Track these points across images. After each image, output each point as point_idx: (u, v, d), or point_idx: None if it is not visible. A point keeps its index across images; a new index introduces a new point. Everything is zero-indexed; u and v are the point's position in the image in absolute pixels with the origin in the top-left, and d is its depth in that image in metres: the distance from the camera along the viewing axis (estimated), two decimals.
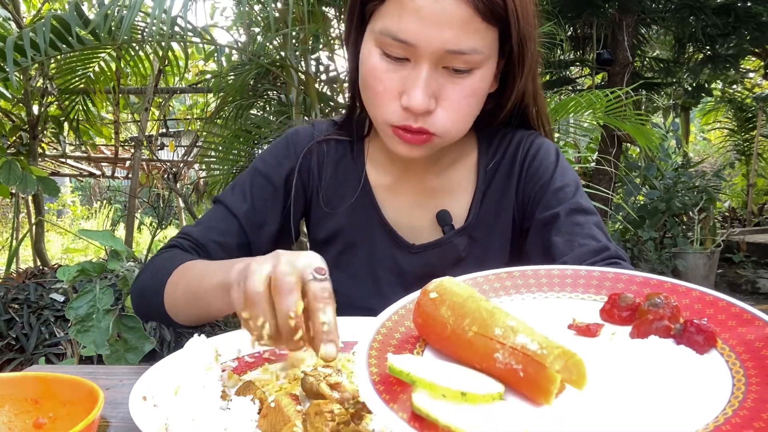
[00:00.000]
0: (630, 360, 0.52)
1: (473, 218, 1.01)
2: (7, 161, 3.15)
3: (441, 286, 0.57)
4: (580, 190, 0.97)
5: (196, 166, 4.85)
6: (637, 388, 0.48)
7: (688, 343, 0.53)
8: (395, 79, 0.85)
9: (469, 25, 0.80)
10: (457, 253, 1.01)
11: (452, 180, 1.03)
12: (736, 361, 0.51)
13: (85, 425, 0.55)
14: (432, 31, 0.80)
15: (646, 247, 4.82)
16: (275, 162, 1.05)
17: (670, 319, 0.56)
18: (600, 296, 0.65)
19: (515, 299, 0.66)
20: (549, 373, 0.46)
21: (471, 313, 0.52)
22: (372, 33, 0.86)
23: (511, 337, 0.48)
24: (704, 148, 10.22)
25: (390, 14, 0.83)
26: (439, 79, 0.84)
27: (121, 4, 2.41)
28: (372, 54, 0.86)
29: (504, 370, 0.48)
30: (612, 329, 0.59)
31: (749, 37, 4.74)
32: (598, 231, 0.91)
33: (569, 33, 5.03)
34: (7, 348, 2.71)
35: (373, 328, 0.57)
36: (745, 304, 0.57)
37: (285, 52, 2.97)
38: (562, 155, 1.02)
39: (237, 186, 1.04)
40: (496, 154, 1.03)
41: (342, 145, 1.06)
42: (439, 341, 0.55)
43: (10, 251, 4.01)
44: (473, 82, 0.85)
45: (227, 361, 0.80)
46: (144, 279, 0.96)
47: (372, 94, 0.88)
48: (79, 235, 2.41)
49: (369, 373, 0.50)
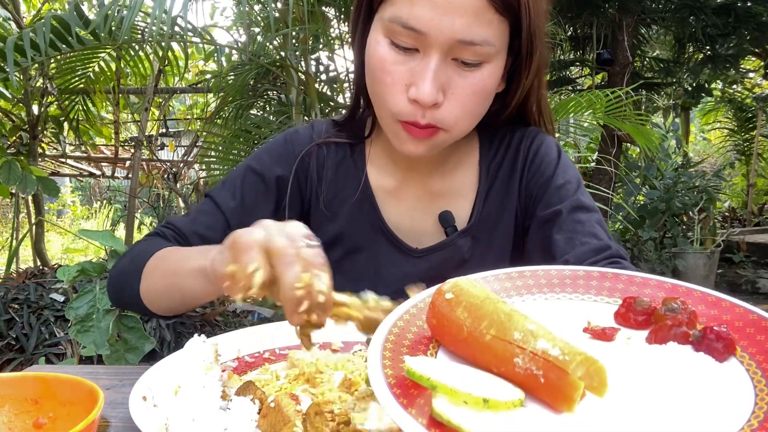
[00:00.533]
0: (649, 366, 0.51)
1: (476, 219, 1.00)
2: (7, 161, 3.15)
3: (457, 287, 0.55)
4: (582, 186, 0.97)
5: (196, 166, 4.86)
6: (657, 396, 0.47)
7: (708, 350, 0.52)
8: (403, 71, 0.83)
9: (482, 14, 0.79)
10: (461, 255, 1.00)
11: (455, 182, 1.02)
12: (757, 370, 0.50)
13: (85, 425, 0.55)
14: (444, 19, 0.78)
15: (646, 247, 4.82)
16: (270, 161, 1.02)
17: (687, 325, 0.55)
18: (613, 299, 0.64)
19: (527, 300, 0.65)
20: (572, 379, 0.45)
21: (489, 316, 0.51)
22: (381, 21, 0.85)
23: (532, 341, 0.47)
24: (704, 148, 10.23)
25: (400, 2, 0.81)
26: (448, 71, 0.83)
27: (121, 4, 2.41)
28: (380, 44, 0.85)
29: (524, 375, 0.47)
30: (627, 333, 0.58)
31: (749, 37, 4.73)
32: (599, 229, 0.91)
33: (569, 33, 5.03)
34: (7, 348, 2.71)
35: (385, 327, 0.55)
36: (763, 310, 0.56)
37: (285, 52, 2.97)
38: (563, 152, 1.02)
39: (228, 182, 1.02)
40: (498, 152, 1.02)
41: (342, 147, 1.05)
42: (454, 343, 0.54)
43: (10, 251, 4.01)
44: (482, 77, 0.84)
45: (227, 361, 0.80)
46: (122, 264, 0.95)
47: (379, 87, 0.86)
48: (79, 235, 2.41)
49: (384, 376, 0.48)
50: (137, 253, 0.93)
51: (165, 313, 0.91)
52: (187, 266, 0.77)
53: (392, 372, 0.49)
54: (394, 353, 0.52)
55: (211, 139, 3.50)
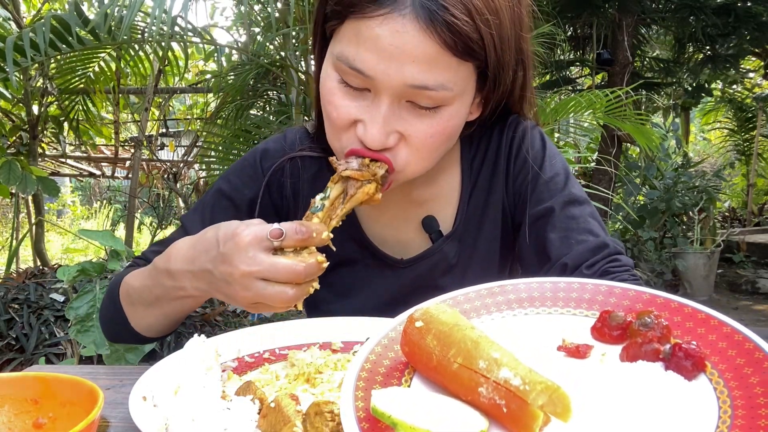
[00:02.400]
0: (617, 386, 0.52)
1: (461, 221, 0.97)
2: (7, 161, 3.15)
3: (427, 314, 0.56)
4: (571, 176, 0.93)
5: (196, 166, 4.85)
6: (622, 417, 0.48)
7: (677, 368, 0.53)
8: (352, 107, 0.76)
9: (437, 60, 0.71)
10: (448, 262, 0.97)
11: (438, 187, 0.97)
12: (723, 389, 0.50)
13: (85, 425, 0.55)
14: (391, 65, 0.70)
15: (646, 247, 4.82)
16: (240, 183, 0.97)
17: (660, 340, 0.56)
18: (591, 311, 0.64)
19: (507, 316, 0.66)
20: (531, 409, 0.46)
21: (456, 344, 0.52)
22: (331, 56, 0.77)
23: (495, 370, 0.49)
24: (704, 148, 10.23)
25: (347, 39, 0.74)
26: (402, 113, 0.75)
27: (121, 4, 2.41)
28: (330, 78, 0.77)
29: (488, 404, 0.48)
30: (602, 349, 0.59)
31: (749, 37, 4.74)
32: (593, 223, 0.88)
33: (569, 33, 5.03)
34: (7, 348, 2.71)
35: (361, 356, 0.56)
36: (737, 323, 0.56)
37: (285, 52, 2.97)
38: (548, 140, 0.97)
39: (199, 207, 0.99)
40: (479, 149, 0.97)
41: (317, 158, 0.99)
42: (426, 371, 0.55)
43: (10, 251, 4.01)
44: (441, 121, 0.76)
45: (227, 361, 0.80)
46: (105, 306, 0.95)
47: (326, 119, 0.81)
48: (79, 235, 2.41)
49: (355, 409, 0.49)
50: (111, 291, 0.93)
51: (163, 334, 0.92)
52: (155, 297, 0.82)
53: (364, 404, 0.50)
54: (369, 382, 0.53)
55: (211, 139, 3.50)
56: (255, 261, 0.67)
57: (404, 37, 0.69)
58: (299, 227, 0.69)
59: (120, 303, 0.90)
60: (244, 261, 0.67)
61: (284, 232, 0.68)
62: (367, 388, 0.52)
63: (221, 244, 0.70)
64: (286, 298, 0.68)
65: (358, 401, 0.50)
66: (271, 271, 0.67)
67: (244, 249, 0.67)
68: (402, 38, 0.69)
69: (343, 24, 0.74)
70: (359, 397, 0.51)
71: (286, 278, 0.68)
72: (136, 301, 0.87)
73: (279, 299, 0.68)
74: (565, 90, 5.43)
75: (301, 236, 0.69)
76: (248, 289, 0.68)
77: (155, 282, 0.82)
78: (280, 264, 0.67)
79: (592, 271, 0.82)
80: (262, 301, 0.69)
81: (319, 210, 0.75)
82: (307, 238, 0.69)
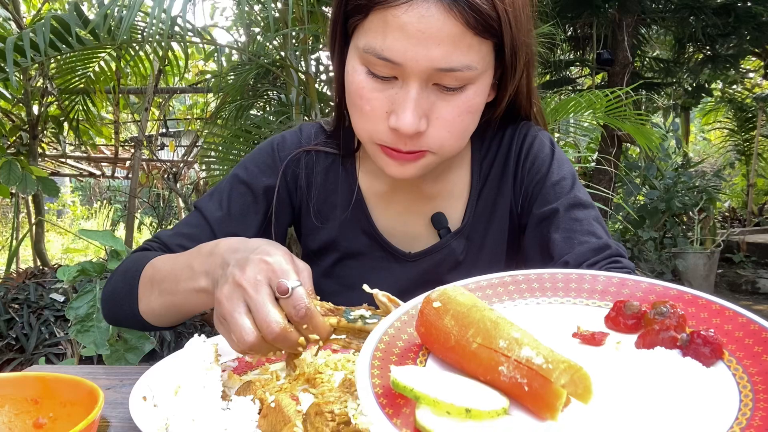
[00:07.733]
0: (635, 372, 0.51)
1: (469, 219, 0.99)
2: (7, 161, 3.15)
3: (444, 295, 0.55)
4: (577, 182, 0.95)
5: (196, 166, 4.85)
6: (642, 402, 0.47)
7: (695, 355, 0.52)
8: (382, 98, 0.79)
9: (460, 40, 0.74)
10: (455, 257, 0.99)
11: (448, 183, 0.99)
12: (743, 374, 0.50)
13: (85, 425, 0.55)
14: (419, 50, 0.74)
15: (646, 247, 4.82)
16: (257, 171, 0.99)
17: (676, 329, 0.55)
18: (604, 302, 0.64)
19: (519, 305, 0.65)
20: (555, 388, 0.45)
21: (475, 324, 0.51)
22: (356, 50, 0.80)
23: (516, 349, 0.47)
24: (704, 148, 10.23)
25: (374, 31, 0.76)
26: (430, 96, 0.79)
27: (121, 4, 2.41)
28: (357, 72, 0.80)
29: (509, 383, 0.47)
30: (617, 338, 0.58)
31: (749, 37, 4.74)
32: (597, 226, 0.90)
33: (569, 33, 5.03)
34: (7, 348, 2.71)
35: (375, 336, 0.55)
36: (753, 314, 0.56)
37: (285, 52, 2.97)
38: (557, 146, 0.99)
39: (216, 192, 1.00)
40: (490, 149, 1.00)
41: (331, 154, 1.02)
42: (442, 351, 0.54)
43: (10, 251, 4.01)
44: (467, 99, 0.80)
45: (227, 361, 0.80)
46: (114, 283, 0.93)
47: (358, 114, 0.83)
48: (79, 235, 2.41)
49: (372, 385, 0.48)
50: (127, 269, 0.91)
51: (166, 326, 0.91)
52: (180, 287, 0.78)
53: (380, 381, 0.49)
54: (384, 362, 0.52)
55: (211, 139, 3.50)
56: (255, 285, 0.64)
57: (429, 20, 0.73)
58: (306, 310, 0.65)
59: (135, 282, 0.88)
60: (249, 280, 0.64)
61: (291, 294, 0.64)
62: (382, 367, 0.51)
63: (253, 251, 0.68)
64: (245, 339, 0.64)
65: (375, 378, 0.49)
66: (256, 303, 0.64)
67: (259, 271, 0.65)
68: (428, 22, 0.73)
69: (368, 17, 0.77)
70: (375, 375, 0.50)
71: (260, 323, 0.64)
72: (156, 284, 0.85)
73: (239, 333, 0.64)
74: (565, 90, 5.43)
75: (298, 316, 0.65)
76: (230, 300, 0.65)
77: (187, 263, 0.79)
78: (265, 308, 0.64)
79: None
80: (228, 321, 0.65)
81: (347, 319, 0.70)
82: (299, 320, 0.65)
